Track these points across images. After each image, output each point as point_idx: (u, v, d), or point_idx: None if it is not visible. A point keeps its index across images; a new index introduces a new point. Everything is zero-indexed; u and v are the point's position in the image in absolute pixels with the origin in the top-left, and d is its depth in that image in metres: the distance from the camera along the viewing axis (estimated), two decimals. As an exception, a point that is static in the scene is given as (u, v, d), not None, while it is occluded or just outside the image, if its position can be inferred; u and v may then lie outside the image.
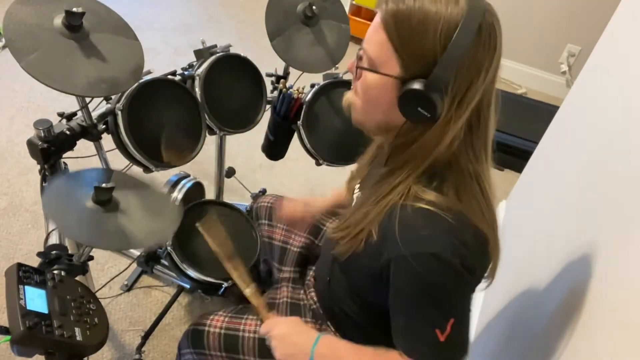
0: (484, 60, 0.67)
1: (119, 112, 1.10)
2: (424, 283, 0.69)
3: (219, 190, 1.74)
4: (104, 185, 0.87)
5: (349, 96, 0.79)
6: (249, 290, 1.00)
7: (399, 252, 0.70)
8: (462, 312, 0.72)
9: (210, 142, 1.34)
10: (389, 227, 0.72)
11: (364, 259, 0.78)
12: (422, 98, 0.66)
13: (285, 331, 0.89)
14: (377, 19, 0.68)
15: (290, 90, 1.38)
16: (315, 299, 1.04)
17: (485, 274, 0.78)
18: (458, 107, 0.68)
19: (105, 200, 0.89)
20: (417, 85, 0.66)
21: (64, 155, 1.08)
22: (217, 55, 1.30)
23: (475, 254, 0.71)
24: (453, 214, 0.69)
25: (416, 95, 0.66)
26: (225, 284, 1.29)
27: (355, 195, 0.94)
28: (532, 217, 1.41)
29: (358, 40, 3.05)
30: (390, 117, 0.72)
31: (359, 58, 0.73)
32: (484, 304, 1.54)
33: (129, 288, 1.66)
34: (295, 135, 1.43)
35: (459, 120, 0.69)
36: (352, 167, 1.03)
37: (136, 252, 1.49)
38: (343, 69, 1.46)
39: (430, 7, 0.64)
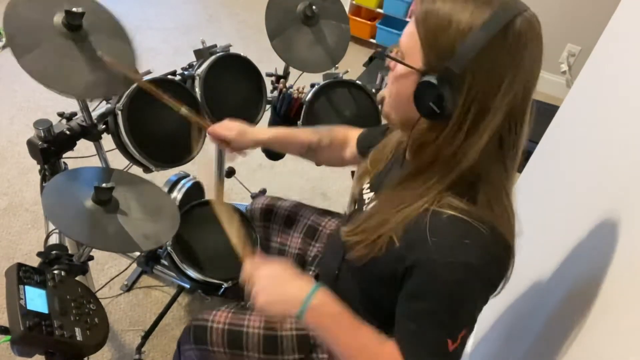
0: (508, 67, 0.65)
1: (119, 112, 1.10)
2: (449, 291, 0.68)
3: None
4: (104, 185, 0.87)
5: (384, 89, 0.80)
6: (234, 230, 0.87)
7: (429, 257, 0.68)
8: (473, 324, 0.71)
9: (210, 142, 1.34)
10: (417, 233, 0.70)
11: (382, 264, 0.76)
12: (433, 91, 0.66)
13: (273, 273, 0.77)
14: (414, 15, 0.70)
15: (290, 90, 1.38)
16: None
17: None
18: (479, 113, 0.66)
19: (105, 200, 0.89)
20: (429, 78, 0.66)
21: (64, 155, 1.08)
22: (217, 55, 1.30)
23: (503, 268, 0.71)
24: (486, 226, 0.68)
25: (427, 88, 0.66)
26: (225, 284, 1.29)
27: (365, 196, 0.93)
28: (532, 216, 1.41)
29: (358, 40, 3.07)
30: (410, 112, 0.71)
31: (397, 50, 0.73)
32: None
33: (129, 288, 1.66)
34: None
35: (486, 128, 0.66)
36: (352, 167, 1.02)
37: (136, 252, 1.49)
38: (343, 69, 1.47)
39: (461, 6, 0.64)
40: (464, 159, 0.69)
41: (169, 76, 1.24)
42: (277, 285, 0.76)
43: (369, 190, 0.92)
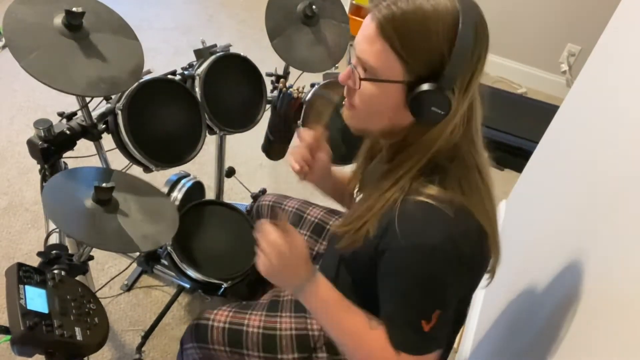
0: (482, 51, 0.68)
1: (119, 112, 1.10)
2: (418, 274, 0.70)
3: (219, 190, 1.74)
4: (104, 184, 0.87)
5: (345, 111, 0.79)
6: None
7: (397, 244, 0.70)
8: (449, 305, 0.73)
9: (210, 142, 1.34)
10: (388, 221, 0.72)
11: (364, 255, 0.78)
12: (437, 97, 0.67)
13: (283, 253, 0.77)
14: (371, 28, 0.68)
15: (290, 89, 1.38)
16: (318, 297, 1.03)
17: (486, 271, 0.79)
18: (462, 98, 0.69)
19: (105, 200, 0.89)
20: (430, 87, 0.66)
21: (64, 155, 1.08)
22: (217, 55, 1.30)
23: (473, 248, 0.72)
24: (454, 208, 0.69)
25: (430, 96, 0.67)
26: (224, 284, 1.29)
27: (355, 196, 0.95)
28: (532, 216, 1.41)
29: (358, 40, 2.93)
30: (396, 120, 0.73)
31: (353, 70, 0.73)
32: (484, 304, 1.54)
33: (129, 288, 1.66)
34: (295, 135, 1.43)
35: (460, 111, 0.70)
36: (352, 167, 1.03)
37: (136, 252, 1.49)
38: (343, 69, 1.47)
39: (425, 6, 0.64)
40: (437, 143, 0.72)
41: (169, 76, 1.24)
42: (282, 266, 0.77)
43: (358, 191, 0.96)
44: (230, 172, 1.76)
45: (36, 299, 0.76)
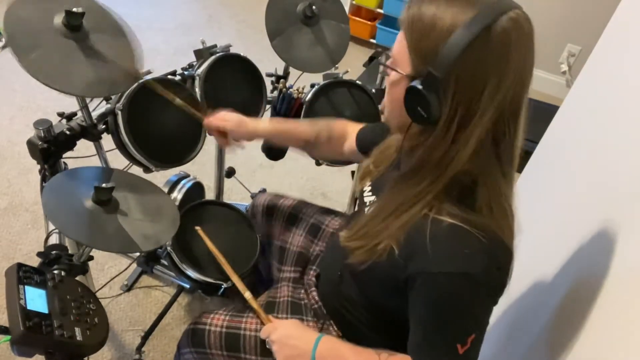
0: (494, 69, 0.63)
1: (119, 112, 1.10)
2: (452, 300, 0.70)
3: (219, 190, 1.74)
4: (104, 185, 0.87)
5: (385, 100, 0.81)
6: (248, 294, 1.01)
7: (430, 269, 0.69)
8: (482, 327, 0.72)
9: (210, 143, 1.34)
10: (417, 242, 0.71)
11: (383, 269, 0.77)
12: (419, 96, 0.66)
13: (285, 333, 0.89)
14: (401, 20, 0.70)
15: (290, 90, 1.38)
16: (317, 298, 1.03)
17: None
18: (466, 116, 0.66)
19: (105, 200, 0.89)
20: (415, 83, 0.66)
21: (64, 155, 1.08)
22: (217, 55, 1.30)
23: (504, 273, 0.71)
24: (487, 233, 0.68)
25: (414, 93, 0.67)
26: (224, 285, 1.29)
27: (366, 198, 0.92)
28: (532, 217, 1.41)
29: (358, 40, 3.07)
30: (404, 117, 0.72)
31: (388, 57, 0.74)
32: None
33: (129, 288, 1.66)
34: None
35: (473, 131, 0.66)
36: (353, 167, 1.03)
37: (136, 252, 1.49)
38: (343, 69, 1.47)
39: (444, 9, 0.64)
40: (454, 162, 0.69)
41: (169, 76, 1.24)
42: (289, 344, 0.87)
43: (370, 193, 0.92)
44: (230, 173, 1.76)
45: (36, 299, 0.76)
